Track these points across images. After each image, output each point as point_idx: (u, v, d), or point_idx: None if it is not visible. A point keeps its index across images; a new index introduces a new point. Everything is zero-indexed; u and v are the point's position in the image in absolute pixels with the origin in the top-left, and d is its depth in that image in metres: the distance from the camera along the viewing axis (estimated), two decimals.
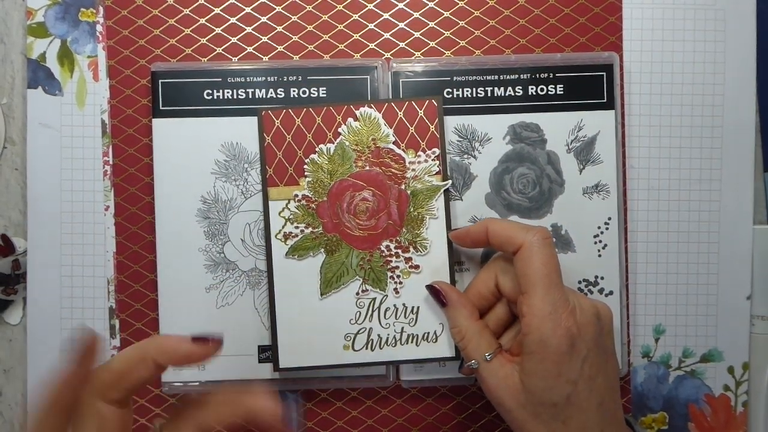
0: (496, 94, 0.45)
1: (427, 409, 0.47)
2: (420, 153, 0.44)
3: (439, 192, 0.44)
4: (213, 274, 0.45)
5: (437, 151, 0.44)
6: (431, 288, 0.43)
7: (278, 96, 0.45)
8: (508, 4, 0.47)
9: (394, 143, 0.44)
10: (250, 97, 0.45)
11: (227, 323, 0.45)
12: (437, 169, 0.44)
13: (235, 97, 0.45)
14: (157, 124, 0.45)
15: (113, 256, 0.46)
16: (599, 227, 0.45)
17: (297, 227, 0.44)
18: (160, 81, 0.45)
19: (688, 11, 0.48)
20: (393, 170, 0.44)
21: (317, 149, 0.44)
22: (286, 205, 0.44)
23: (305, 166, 0.44)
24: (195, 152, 0.45)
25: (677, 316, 0.48)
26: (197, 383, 0.45)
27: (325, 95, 0.45)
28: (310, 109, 0.44)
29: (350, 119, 0.44)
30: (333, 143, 0.44)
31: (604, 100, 0.45)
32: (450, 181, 0.44)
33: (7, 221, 0.48)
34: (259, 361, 0.45)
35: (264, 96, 0.45)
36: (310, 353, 0.44)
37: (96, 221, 0.47)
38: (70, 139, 0.47)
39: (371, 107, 0.44)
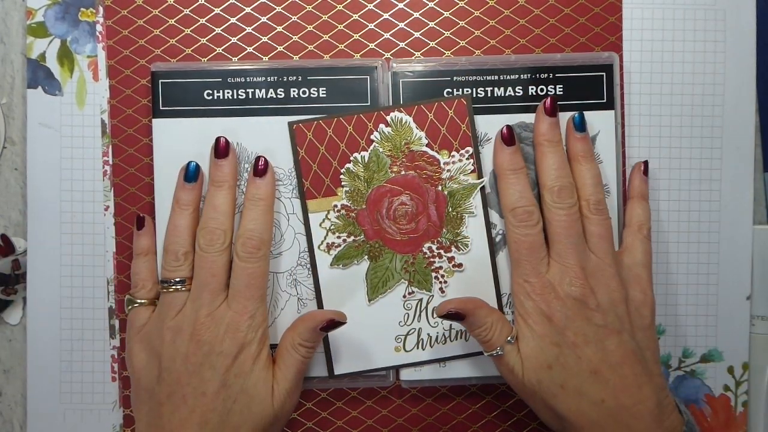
0: (496, 94, 0.45)
1: (427, 409, 0.47)
2: (453, 153, 0.44)
3: (475, 190, 0.44)
4: None
5: (470, 149, 0.44)
6: (447, 316, 0.41)
7: (278, 96, 0.45)
8: (508, 4, 0.47)
9: (427, 145, 0.44)
10: (250, 97, 0.45)
11: None
12: (472, 168, 0.44)
13: (235, 97, 0.45)
14: (157, 124, 0.45)
15: (113, 256, 0.46)
16: None
17: (339, 237, 0.44)
18: (160, 81, 0.45)
19: (688, 11, 0.48)
20: (428, 172, 0.44)
21: (351, 158, 0.44)
22: (326, 216, 0.44)
23: (341, 176, 0.44)
24: (195, 152, 0.45)
25: (677, 316, 0.48)
26: None
27: (325, 95, 0.45)
28: (341, 118, 0.44)
29: (381, 125, 0.44)
30: (366, 151, 0.44)
31: (604, 100, 0.45)
32: (486, 179, 0.44)
33: (7, 221, 0.48)
34: None
35: (264, 96, 0.45)
36: (363, 358, 0.44)
37: (96, 221, 0.47)
38: (70, 139, 0.47)
39: (401, 111, 0.44)
